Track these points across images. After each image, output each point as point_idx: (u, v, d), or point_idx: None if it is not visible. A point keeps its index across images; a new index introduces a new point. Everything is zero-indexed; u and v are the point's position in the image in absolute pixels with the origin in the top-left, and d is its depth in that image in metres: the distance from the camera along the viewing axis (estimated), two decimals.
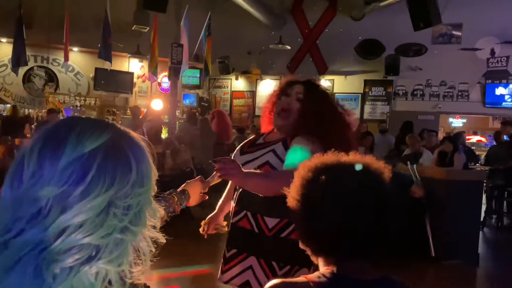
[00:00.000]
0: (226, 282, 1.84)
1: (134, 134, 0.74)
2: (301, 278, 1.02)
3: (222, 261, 1.88)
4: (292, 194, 1.09)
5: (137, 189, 0.67)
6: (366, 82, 10.09)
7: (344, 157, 1.11)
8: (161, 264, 4.20)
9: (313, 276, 1.02)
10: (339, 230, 1.00)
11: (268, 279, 1.73)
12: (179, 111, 10.90)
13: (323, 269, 1.04)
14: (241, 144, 2.01)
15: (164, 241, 0.88)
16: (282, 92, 1.91)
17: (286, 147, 1.77)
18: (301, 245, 1.09)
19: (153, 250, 0.76)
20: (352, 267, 1.01)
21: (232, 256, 1.82)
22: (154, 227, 0.78)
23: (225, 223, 2.03)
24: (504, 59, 8.87)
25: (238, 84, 11.43)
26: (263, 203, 1.73)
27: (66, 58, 9.03)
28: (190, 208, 6.34)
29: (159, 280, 4.33)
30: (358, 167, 1.06)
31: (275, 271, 1.72)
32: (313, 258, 1.08)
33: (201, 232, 2.02)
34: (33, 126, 7.99)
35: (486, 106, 9.16)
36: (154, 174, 0.75)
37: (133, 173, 0.67)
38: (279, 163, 1.74)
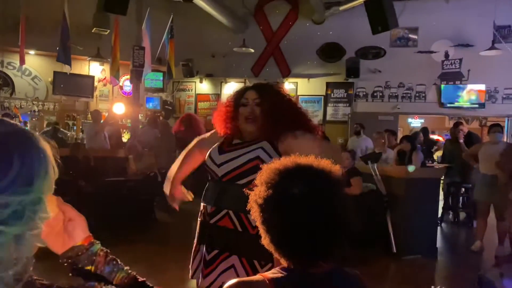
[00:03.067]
0: (208, 287, 1.85)
1: (35, 134, 0.73)
2: (257, 276, 1.06)
3: (202, 265, 1.89)
4: (254, 197, 1.13)
5: (19, 187, 0.64)
6: (328, 85, 10.28)
7: (301, 161, 1.15)
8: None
9: (269, 273, 1.06)
10: (291, 232, 1.04)
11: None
12: (142, 114, 10.74)
13: (280, 265, 1.08)
14: (216, 144, 2.04)
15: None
16: (237, 103, 2.00)
17: (274, 146, 1.90)
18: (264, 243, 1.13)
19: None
20: (304, 263, 1.06)
21: (214, 258, 1.84)
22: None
23: (185, 190, 2.14)
24: (457, 61, 9.26)
25: (203, 87, 11.38)
26: (247, 202, 1.78)
27: (22, 61, 8.71)
28: (155, 214, 6.22)
29: None
30: (312, 172, 1.11)
31: (257, 269, 1.75)
32: (275, 255, 1.12)
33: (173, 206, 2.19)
34: None
35: (442, 106, 9.53)
36: (52, 175, 0.74)
37: (13, 169, 0.64)
38: (269, 158, 1.81)
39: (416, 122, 14.28)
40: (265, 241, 1.11)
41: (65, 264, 0.90)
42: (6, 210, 0.62)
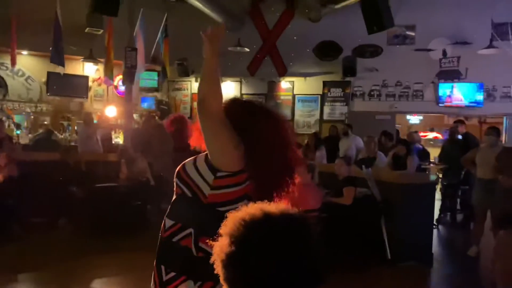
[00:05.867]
0: None
1: None
2: None
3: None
4: (217, 250, 1.06)
5: None
6: (325, 84, 10.18)
7: (268, 209, 1.07)
8: (122, 281, 4.00)
9: None
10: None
11: (156, 280, 1.71)
12: (137, 114, 10.65)
13: None
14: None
15: None
16: None
17: None
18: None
19: None
20: None
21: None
22: None
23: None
24: (455, 59, 9.14)
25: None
26: (171, 205, 1.76)
27: (13, 62, 8.60)
28: (147, 221, 6.13)
29: None
30: (281, 223, 1.04)
31: (162, 275, 1.69)
32: None
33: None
34: None
35: (440, 105, 9.43)
36: None
37: None
38: None
39: (414, 119, 14.20)
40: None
41: None
42: None
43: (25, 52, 9.65)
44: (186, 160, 1.77)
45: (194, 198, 1.68)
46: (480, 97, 9.11)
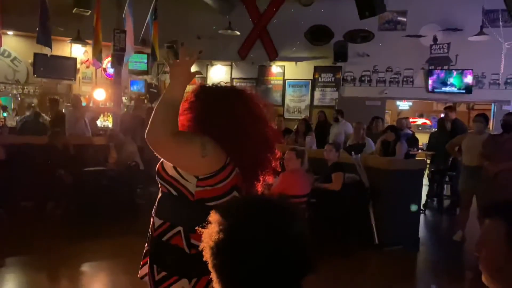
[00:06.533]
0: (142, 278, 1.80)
1: None
2: None
3: None
4: (205, 237, 1.06)
5: None
6: (315, 69, 10.14)
7: (256, 197, 1.08)
8: (112, 265, 4.00)
9: None
10: (246, 280, 0.98)
11: (149, 281, 1.71)
12: (126, 97, 10.54)
13: None
14: None
15: None
16: None
17: None
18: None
19: None
20: None
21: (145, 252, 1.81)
22: None
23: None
24: (445, 46, 9.16)
25: None
26: (157, 203, 1.73)
27: None
28: (137, 205, 6.11)
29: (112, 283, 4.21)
30: (268, 210, 1.04)
31: (154, 274, 1.68)
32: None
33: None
34: None
35: (429, 91, 9.48)
36: None
37: None
38: None
39: (404, 105, 14.26)
40: (217, 286, 1.04)
41: None
42: None
43: (10, 33, 9.44)
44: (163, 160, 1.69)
45: (180, 196, 1.64)
46: (469, 83, 9.17)
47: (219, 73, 10.93)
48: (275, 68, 10.55)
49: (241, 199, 1.08)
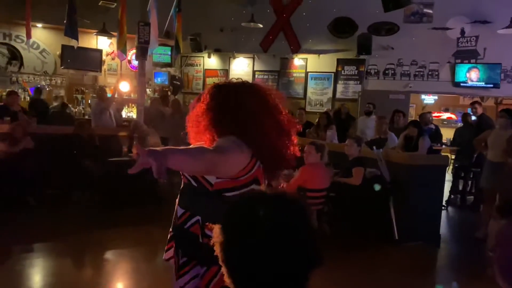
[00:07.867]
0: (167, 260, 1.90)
1: None
2: None
3: None
4: (217, 233, 1.09)
5: None
6: (338, 61, 10.05)
7: (259, 195, 1.09)
8: (134, 253, 4.10)
9: None
10: (255, 275, 1.00)
11: (175, 264, 1.81)
12: (150, 89, 10.69)
13: None
14: None
15: None
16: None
17: None
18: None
19: None
20: None
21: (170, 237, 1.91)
22: None
23: None
24: (473, 39, 8.93)
25: (211, 62, 11.24)
26: (180, 193, 1.82)
27: (28, 35, 8.64)
28: (160, 195, 6.17)
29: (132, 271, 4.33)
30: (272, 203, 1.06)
31: (179, 258, 1.79)
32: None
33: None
34: None
35: (455, 85, 9.27)
36: None
37: None
38: None
39: (429, 99, 13.96)
40: (227, 279, 1.07)
41: None
42: None
43: (39, 25, 9.68)
44: None
45: (200, 187, 1.71)
46: (497, 78, 8.92)
47: (241, 66, 10.95)
48: (297, 60, 10.51)
49: (246, 195, 1.10)
